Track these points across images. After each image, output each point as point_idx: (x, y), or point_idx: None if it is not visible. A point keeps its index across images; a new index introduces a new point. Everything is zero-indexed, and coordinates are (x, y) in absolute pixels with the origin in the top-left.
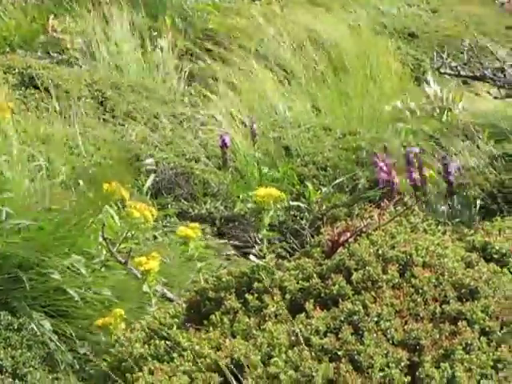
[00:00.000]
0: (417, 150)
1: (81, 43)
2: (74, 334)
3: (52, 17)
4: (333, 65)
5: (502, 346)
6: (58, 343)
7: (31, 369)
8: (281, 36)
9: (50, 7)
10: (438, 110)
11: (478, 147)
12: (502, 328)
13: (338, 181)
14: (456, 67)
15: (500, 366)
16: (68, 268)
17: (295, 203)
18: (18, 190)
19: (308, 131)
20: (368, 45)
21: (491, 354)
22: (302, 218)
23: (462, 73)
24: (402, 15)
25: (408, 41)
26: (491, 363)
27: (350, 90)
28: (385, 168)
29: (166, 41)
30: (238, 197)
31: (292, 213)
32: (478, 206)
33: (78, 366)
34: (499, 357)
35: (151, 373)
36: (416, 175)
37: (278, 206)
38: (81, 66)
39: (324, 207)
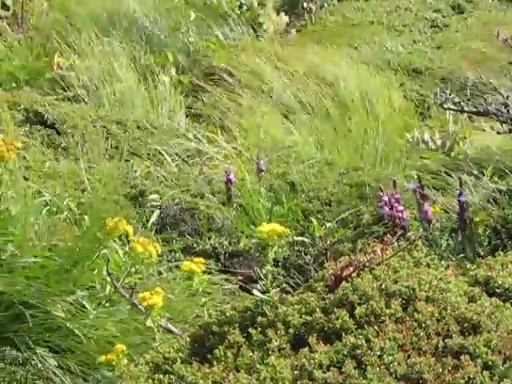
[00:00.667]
0: (414, 186)
1: (85, 80)
2: (77, 370)
3: (57, 54)
4: (336, 101)
5: (505, 380)
6: (62, 378)
7: None
8: (285, 74)
9: (55, 45)
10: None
11: (481, 183)
12: (504, 362)
13: (341, 216)
14: (459, 103)
15: None
16: (72, 304)
17: (299, 238)
18: (22, 227)
19: (312, 167)
20: (371, 81)
21: None
22: (306, 254)
23: (466, 108)
24: (407, 52)
25: (412, 77)
26: None
27: (353, 126)
28: (391, 202)
29: (168, 77)
30: (243, 232)
31: (296, 248)
32: (485, 242)
33: None
34: None
35: None
36: (428, 209)
37: (282, 241)
38: (86, 103)
39: (328, 242)
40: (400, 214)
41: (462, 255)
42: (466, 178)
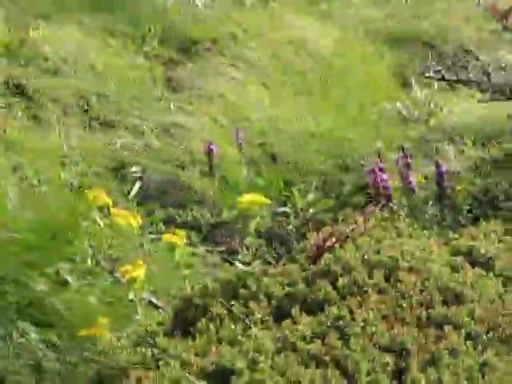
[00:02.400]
0: (404, 154)
1: (63, 52)
2: (60, 343)
3: (32, 27)
4: (318, 72)
5: (488, 350)
6: (45, 351)
7: (21, 377)
8: (268, 43)
9: (31, 18)
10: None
11: (462, 152)
12: (487, 332)
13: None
14: (440, 71)
15: (486, 369)
16: (53, 277)
17: (281, 209)
18: (1, 201)
19: (293, 138)
20: (353, 50)
21: (477, 358)
22: (288, 224)
23: (447, 77)
24: (387, 18)
25: (392, 45)
26: (477, 367)
27: (335, 96)
28: (375, 171)
29: (149, 48)
30: (225, 203)
31: (278, 219)
32: (466, 211)
33: (65, 374)
34: (485, 361)
35: (139, 380)
36: (412, 178)
37: (264, 212)
38: (64, 76)
39: (310, 212)
40: (384, 183)
41: (443, 224)
42: (447, 148)
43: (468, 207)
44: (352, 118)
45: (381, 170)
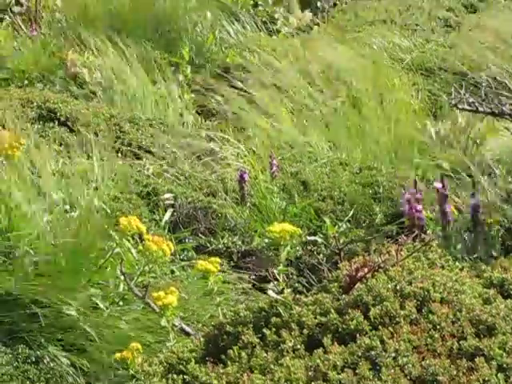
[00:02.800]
0: (440, 185)
1: (99, 77)
2: (90, 369)
3: (71, 51)
4: (349, 100)
5: None
6: (75, 377)
7: None
8: (299, 71)
9: (69, 42)
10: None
11: (495, 183)
12: None
13: (355, 216)
14: (474, 103)
15: None
16: (84, 302)
17: (312, 238)
18: (34, 225)
19: (325, 166)
20: (385, 79)
21: None
22: (318, 253)
23: (480, 109)
24: (420, 51)
25: (425, 76)
26: None
27: (366, 125)
28: (411, 202)
29: (182, 75)
30: (256, 231)
31: (309, 248)
32: (498, 243)
33: None
34: None
35: None
36: (449, 209)
37: (295, 241)
38: (98, 101)
39: (341, 242)
40: (419, 214)
41: (475, 256)
42: (480, 178)
43: (500, 239)
44: (385, 148)
45: (417, 200)
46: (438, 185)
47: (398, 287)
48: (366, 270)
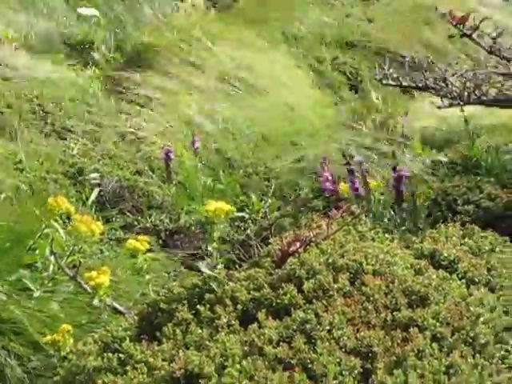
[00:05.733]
0: (361, 159)
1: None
2: (22, 351)
3: None
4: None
5: (454, 351)
6: (7, 358)
7: None
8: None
9: None
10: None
11: (419, 155)
12: (452, 334)
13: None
14: (398, 78)
15: (452, 371)
16: (14, 284)
17: (240, 214)
18: None
19: (249, 143)
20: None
21: (443, 360)
22: (246, 229)
23: (405, 83)
24: (339, 25)
25: (345, 50)
26: (443, 369)
27: (282, 99)
28: (329, 178)
29: (99, 54)
30: (183, 209)
31: (236, 223)
32: (425, 214)
33: (28, 381)
34: (451, 362)
35: None
36: (359, 184)
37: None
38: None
39: (269, 217)
40: (335, 191)
41: (403, 228)
42: (404, 152)
43: (427, 211)
44: (308, 122)
45: (332, 180)
46: (359, 158)
47: (330, 260)
48: (297, 244)
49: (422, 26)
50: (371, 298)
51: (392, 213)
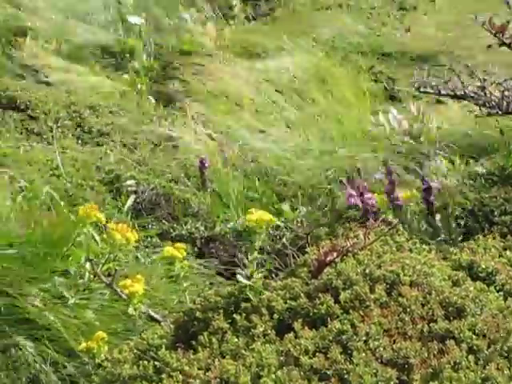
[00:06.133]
0: (393, 169)
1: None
2: (58, 358)
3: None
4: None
5: (490, 364)
6: (42, 365)
7: None
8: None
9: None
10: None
11: (454, 166)
12: (489, 346)
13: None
14: (436, 86)
15: None
16: (49, 291)
17: (276, 223)
18: None
19: (285, 151)
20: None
21: (479, 372)
22: (281, 238)
23: (443, 92)
24: (376, 34)
25: (381, 60)
26: (479, 381)
27: (318, 111)
28: (353, 193)
29: (138, 62)
30: (218, 217)
31: (271, 232)
32: (461, 225)
33: None
34: (487, 375)
35: None
36: (396, 194)
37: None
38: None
39: (306, 226)
40: (370, 202)
41: (439, 239)
42: (439, 162)
43: (463, 222)
44: (342, 133)
45: (364, 189)
46: (379, 175)
47: (367, 271)
48: (334, 254)
49: (461, 34)
50: (408, 309)
51: (425, 223)
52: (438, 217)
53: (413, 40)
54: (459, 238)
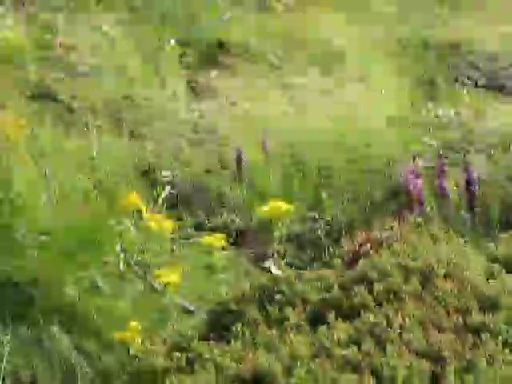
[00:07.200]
0: (440, 161)
1: (88, 59)
2: (93, 348)
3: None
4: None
5: None
6: (77, 357)
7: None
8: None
9: (57, 24)
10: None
11: (492, 158)
12: None
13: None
14: (473, 78)
15: None
16: (84, 281)
17: (311, 214)
18: (33, 206)
19: (321, 144)
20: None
21: None
22: (317, 229)
23: (480, 83)
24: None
25: (423, 50)
26: None
27: (360, 102)
28: (410, 177)
29: (172, 52)
30: (254, 208)
31: (309, 224)
32: (499, 218)
33: (98, 379)
34: None
35: None
36: (446, 184)
37: (293, 217)
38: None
39: (341, 218)
40: (418, 190)
41: (476, 231)
42: (479, 155)
43: (501, 215)
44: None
45: (416, 176)
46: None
47: (401, 263)
48: (369, 245)
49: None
50: (442, 302)
51: (465, 216)
52: (477, 209)
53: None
54: (497, 231)
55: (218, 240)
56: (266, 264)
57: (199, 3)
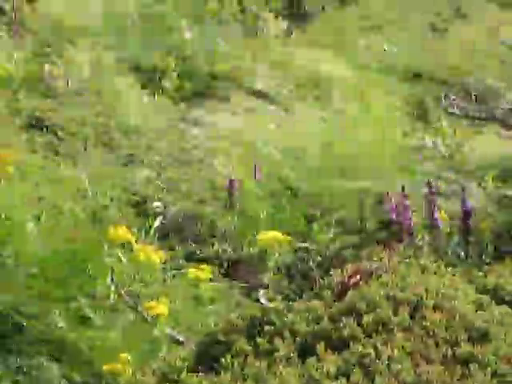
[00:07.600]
0: (430, 191)
1: (78, 87)
2: (82, 379)
3: (48, 64)
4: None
5: None
6: None
7: None
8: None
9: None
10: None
11: (484, 188)
12: None
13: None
14: (465, 108)
15: None
16: (73, 312)
17: (303, 245)
18: (22, 234)
19: (315, 171)
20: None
21: None
22: (308, 260)
23: (471, 114)
24: (407, 55)
25: (412, 80)
26: None
27: (350, 132)
28: (399, 209)
29: (170, 82)
30: (245, 238)
31: (299, 254)
32: (491, 249)
33: None
34: None
35: None
36: (437, 215)
37: (283, 249)
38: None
39: (332, 248)
40: (408, 221)
41: (467, 261)
42: (469, 184)
43: (492, 245)
44: (372, 151)
45: (405, 207)
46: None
47: (390, 294)
48: (358, 276)
49: (494, 57)
50: (431, 333)
51: (457, 246)
52: (472, 239)
53: (444, 61)
54: (487, 261)
55: (205, 272)
56: (259, 295)
57: None
